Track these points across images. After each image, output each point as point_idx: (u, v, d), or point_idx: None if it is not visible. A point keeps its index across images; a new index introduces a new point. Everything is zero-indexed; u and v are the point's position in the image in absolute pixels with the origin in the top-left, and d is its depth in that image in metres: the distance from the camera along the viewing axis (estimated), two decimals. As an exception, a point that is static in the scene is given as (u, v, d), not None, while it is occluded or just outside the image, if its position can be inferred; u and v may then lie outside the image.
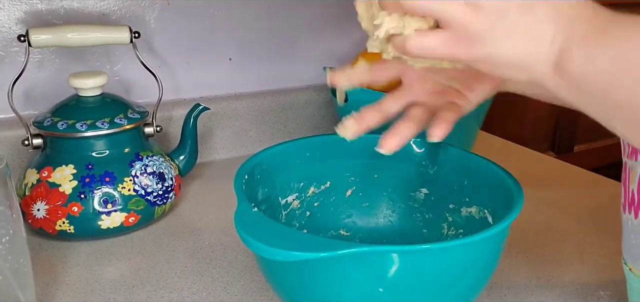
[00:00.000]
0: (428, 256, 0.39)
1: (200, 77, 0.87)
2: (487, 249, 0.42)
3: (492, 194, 0.50)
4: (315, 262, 0.38)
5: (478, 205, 0.52)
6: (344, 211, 0.59)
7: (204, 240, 0.62)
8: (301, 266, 0.39)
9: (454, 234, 0.55)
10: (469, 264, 0.41)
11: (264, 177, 0.52)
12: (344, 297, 0.40)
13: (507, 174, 0.48)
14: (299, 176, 0.55)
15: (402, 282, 0.39)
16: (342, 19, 0.97)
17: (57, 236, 0.60)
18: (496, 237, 0.42)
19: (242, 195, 0.44)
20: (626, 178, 0.42)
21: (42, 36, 0.62)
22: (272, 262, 0.42)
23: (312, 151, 0.55)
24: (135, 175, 0.62)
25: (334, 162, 0.57)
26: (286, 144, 0.55)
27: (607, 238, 0.63)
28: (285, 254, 0.36)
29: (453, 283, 0.41)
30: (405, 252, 0.38)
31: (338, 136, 0.48)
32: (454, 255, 0.40)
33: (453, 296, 0.42)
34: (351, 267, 0.38)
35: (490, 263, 0.43)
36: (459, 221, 0.54)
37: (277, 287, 0.45)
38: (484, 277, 0.44)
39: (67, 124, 0.60)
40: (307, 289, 0.41)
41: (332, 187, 0.58)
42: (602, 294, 0.53)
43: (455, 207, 0.55)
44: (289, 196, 0.56)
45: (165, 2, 0.81)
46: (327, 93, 0.94)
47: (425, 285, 0.40)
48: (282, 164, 0.54)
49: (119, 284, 0.53)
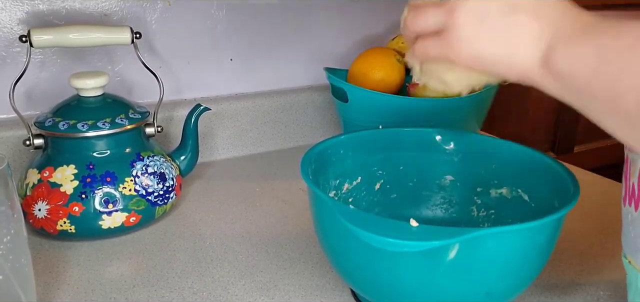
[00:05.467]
0: (519, 235, 0.40)
1: (201, 78, 0.87)
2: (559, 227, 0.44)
3: (523, 173, 0.53)
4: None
5: (509, 185, 0.55)
6: (375, 204, 0.60)
7: (204, 240, 0.62)
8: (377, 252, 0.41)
9: (485, 215, 0.58)
10: (548, 241, 0.43)
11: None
12: (411, 280, 0.42)
13: (535, 151, 0.52)
14: (336, 173, 0.56)
15: (476, 264, 0.41)
16: (342, 19, 0.97)
17: (58, 235, 0.60)
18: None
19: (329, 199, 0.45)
20: (627, 171, 0.43)
21: (43, 37, 0.62)
22: (338, 247, 0.45)
23: (345, 148, 0.57)
24: (136, 175, 0.62)
25: (363, 157, 0.58)
26: (329, 141, 0.56)
27: (607, 238, 0.63)
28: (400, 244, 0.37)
29: (534, 258, 0.43)
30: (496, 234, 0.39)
31: (362, 133, 0.57)
32: (545, 230, 0.42)
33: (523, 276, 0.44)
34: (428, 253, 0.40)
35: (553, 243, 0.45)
36: (489, 202, 0.57)
37: (340, 267, 0.47)
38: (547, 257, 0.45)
39: (68, 124, 0.61)
40: (374, 272, 0.43)
41: (363, 182, 0.59)
42: (601, 294, 0.53)
43: (483, 190, 0.58)
44: (329, 193, 0.57)
45: (166, 2, 0.81)
46: (327, 93, 0.94)
47: (498, 267, 0.41)
48: (326, 162, 0.55)
49: (120, 283, 0.54)
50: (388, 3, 1.00)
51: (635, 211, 0.41)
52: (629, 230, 0.43)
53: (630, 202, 0.42)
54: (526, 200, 0.54)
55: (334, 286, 0.54)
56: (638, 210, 0.41)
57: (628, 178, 0.42)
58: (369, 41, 1.00)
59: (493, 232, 0.39)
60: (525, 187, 0.54)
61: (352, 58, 0.86)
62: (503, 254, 0.40)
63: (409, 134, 0.59)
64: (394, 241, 0.37)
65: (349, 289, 0.53)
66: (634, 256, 0.43)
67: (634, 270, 0.43)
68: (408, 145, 0.59)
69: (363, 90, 0.77)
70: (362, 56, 0.84)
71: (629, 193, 0.42)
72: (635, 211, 0.41)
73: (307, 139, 0.95)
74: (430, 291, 0.42)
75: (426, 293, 0.42)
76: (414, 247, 0.37)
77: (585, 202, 0.72)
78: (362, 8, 0.98)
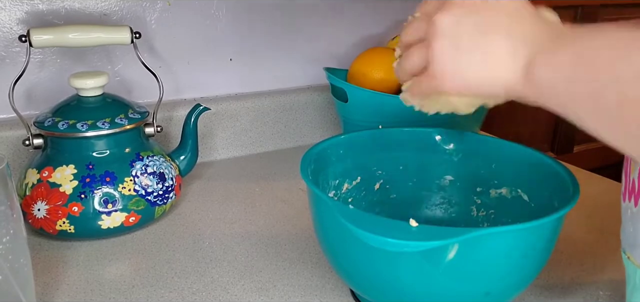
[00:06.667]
0: (519, 235, 0.40)
1: (201, 78, 0.87)
2: (558, 226, 0.44)
3: (523, 173, 0.53)
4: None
5: (509, 185, 0.55)
6: (374, 204, 0.60)
7: (204, 240, 0.62)
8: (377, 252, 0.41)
9: (485, 215, 0.58)
10: (548, 241, 0.44)
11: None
12: (409, 278, 0.42)
13: (535, 151, 0.52)
14: (335, 173, 0.57)
15: (471, 264, 0.41)
16: (342, 19, 0.97)
17: (58, 235, 0.60)
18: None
19: (328, 198, 0.45)
20: (627, 167, 0.43)
21: (43, 36, 0.62)
22: (338, 247, 0.45)
23: (345, 148, 0.57)
24: (136, 175, 0.62)
25: (363, 157, 0.58)
26: (328, 141, 0.56)
27: (606, 238, 0.63)
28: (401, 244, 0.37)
29: (533, 258, 0.43)
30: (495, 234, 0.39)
31: (362, 133, 0.57)
32: (544, 230, 0.42)
33: (524, 274, 0.45)
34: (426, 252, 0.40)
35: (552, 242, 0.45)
36: (489, 202, 0.57)
37: (340, 267, 0.47)
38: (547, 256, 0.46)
39: (67, 124, 0.61)
40: (374, 271, 0.43)
41: (362, 182, 0.59)
42: (601, 294, 0.53)
43: (482, 190, 0.58)
44: (329, 193, 0.57)
45: (166, 2, 0.81)
46: (327, 93, 0.94)
47: (498, 266, 0.41)
48: (325, 162, 0.55)
49: (119, 284, 0.54)
50: (388, 3, 1.00)
51: (635, 207, 0.42)
52: (629, 226, 0.43)
53: (630, 197, 0.42)
54: (526, 200, 0.54)
55: (333, 286, 0.54)
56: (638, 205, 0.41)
57: (628, 174, 0.43)
58: (369, 41, 1.00)
59: (493, 232, 0.39)
60: (525, 187, 0.54)
61: (352, 58, 0.86)
62: (502, 254, 0.40)
63: (409, 134, 0.59)
64: (394, 241, 0.37)
65: (349, 289, 0.53)
66: (633, 251, 0.43)
67: (632, 265, 0.43)
68: (408, 146, 0.59)
69: (363, 90, 0.77)
70: (361, 56, 0.84)
71: (628, 189, 0.43)
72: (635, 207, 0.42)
73: (306, 139, 0.95)
74: (430, 291, 0.42)
75: (426, 293, 0.42)
76: (414, 247, 0.37)
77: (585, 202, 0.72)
78: (362, 8, 0.98)
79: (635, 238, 0.42)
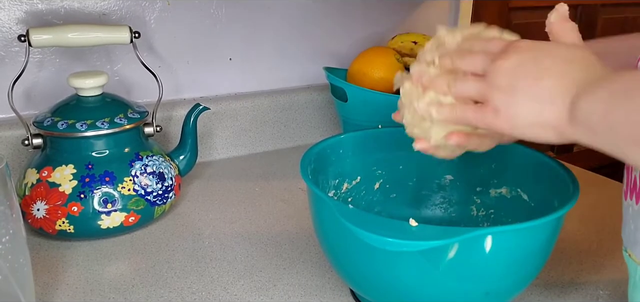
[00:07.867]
0: (518, 235, 0.40)
1: (200, 77, 0.87)
2: (558, 226, 0.44)
3: (523, 172, 0.54)
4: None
5: (509, 185, 0.56)
6: (374, 203, 0.60)
7: (203, 240, 0.62)
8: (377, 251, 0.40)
9: (485, 215, 0.58)
10: (548, 240, 0.44)
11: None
12: (409, 277, 0.42)
13: (535, 151, 0.52)
14: (335, 172, 0.57)
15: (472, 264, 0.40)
16: (342, 19, 0.97)
17: (57, 235, 0.60)
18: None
19: (328, 198, 0.44)
20: (629, 165, 0.43)
21: (42, 36, 0.62)
22: (338, 247, 0.45)
23: (345, 148, 0.57)
24: (135, 175, 0.62)
25: (362, 157, 0.58)
26: (328, 140, 0.56)
27: (606, 237, 0.63)
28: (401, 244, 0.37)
29: (533, 258, 0.44)
30: (497, 233, 0.39)
31: (361, 133, 0.57)
32: (544, 230, 0.42)
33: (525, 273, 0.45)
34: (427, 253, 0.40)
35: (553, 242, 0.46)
36: (488, 201, 0.58)
37: (339, 265, 0.47)
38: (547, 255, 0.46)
39: (67, 123, 0.61)
40: (374, 271, 0.43)
41: (362, 182, 0.59)
42: (601, 293, 0.53)
43: (482, 189, 0.58)
44: (329, 193, 0.57)
45: (165, 2, 0.81)
46: (326, 93, 0.94)
47: (499, 265, 0.41)
48: (325, 162, 0.55)
49: (119, 283, 0.53)
50: (388, 3, 1.00)
51: (636, 205, 0.42)
52: (630, 223, 0.43)
53: (631, 195, 0.43)
54: (526, 199, 0.54)
55: (333, 286, 0.54)
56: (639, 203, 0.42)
57: (630, 171, 0.43)
58: (368, 41, 1.00)
59: (492, 231, 0.39)
60: (525, 187, 0.54)
61: (352, 58, 0.86)
62: (502, 254, 0.40)
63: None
64: (394, 241, 0.37)
65: (349, 289, 0.53)
66: (634, 249, 0.43)
67: (633, 263, 0.43)
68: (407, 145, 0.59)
69: (362, 89, 0.77)
70: (361, 56, 0.84)
71: (630, 186, 0.43)
72: (636, 205, 0.42)
73: (306, 139, 0.95)
74: (430, 290, 0.42)
75: (425, 293, 0.42)
76: (414, 246, 0.37)
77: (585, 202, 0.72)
78: (362, 8, 0.98)
79: (637, 236, 0.42)
